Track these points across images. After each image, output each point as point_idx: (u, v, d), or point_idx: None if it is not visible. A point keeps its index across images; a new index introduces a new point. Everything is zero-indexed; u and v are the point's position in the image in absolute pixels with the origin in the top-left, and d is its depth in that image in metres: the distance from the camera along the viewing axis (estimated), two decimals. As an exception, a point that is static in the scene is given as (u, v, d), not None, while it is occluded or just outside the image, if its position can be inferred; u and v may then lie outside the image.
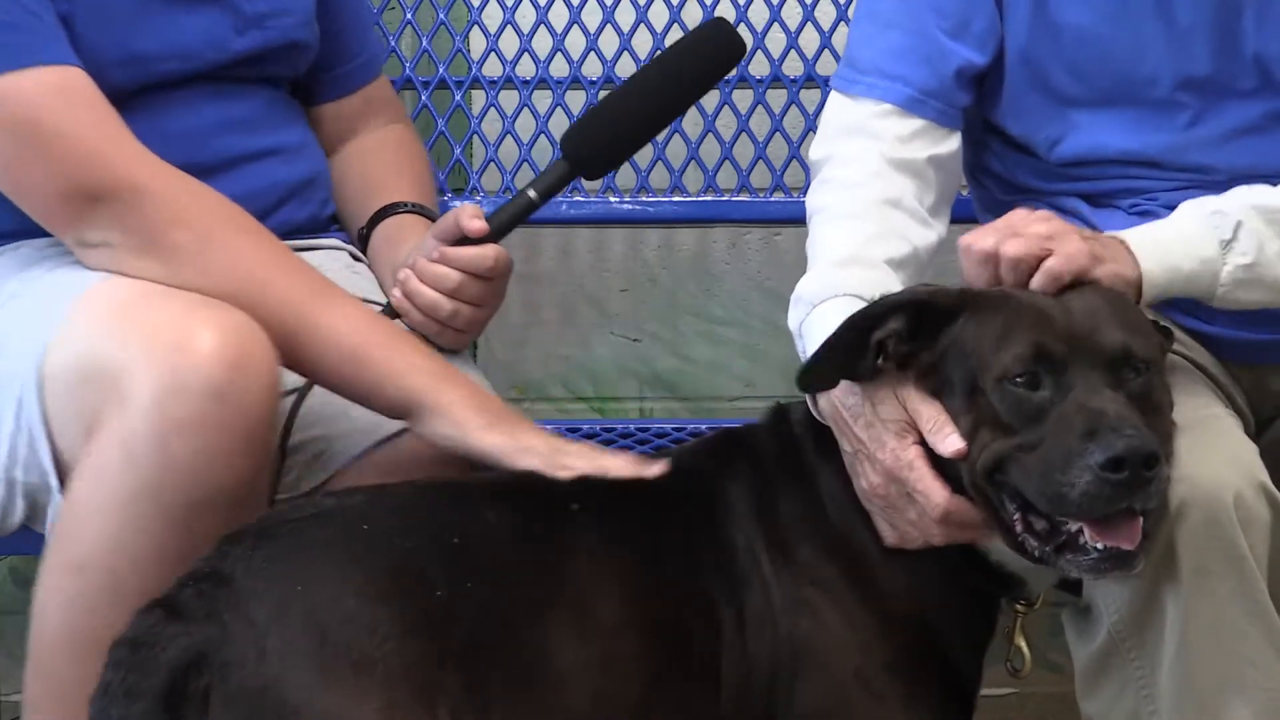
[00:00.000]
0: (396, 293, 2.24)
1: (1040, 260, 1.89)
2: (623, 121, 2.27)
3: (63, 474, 1.99)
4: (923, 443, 1.88)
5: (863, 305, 1.98)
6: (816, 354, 1.92)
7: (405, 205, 2.42)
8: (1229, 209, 1.98)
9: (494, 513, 1.86)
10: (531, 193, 2.25)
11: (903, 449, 1.88)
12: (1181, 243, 1.97)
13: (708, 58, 2.30)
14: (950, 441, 1.85)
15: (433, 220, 2.40)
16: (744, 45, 2.32)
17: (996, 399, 1.83)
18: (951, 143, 2.22)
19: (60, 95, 2.04)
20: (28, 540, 2.17)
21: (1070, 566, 1.83)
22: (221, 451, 1.89)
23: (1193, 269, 1.96)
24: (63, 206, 2.04)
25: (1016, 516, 1.85)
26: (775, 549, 1.92)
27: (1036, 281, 1.89)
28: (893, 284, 2.05)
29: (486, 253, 2.20)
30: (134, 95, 2.17)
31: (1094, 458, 1.75)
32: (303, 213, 2.38)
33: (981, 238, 1.92)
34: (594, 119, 2.28)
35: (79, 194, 2.02)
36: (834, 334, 1.89)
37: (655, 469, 1.95)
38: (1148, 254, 1.94)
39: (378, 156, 2.51)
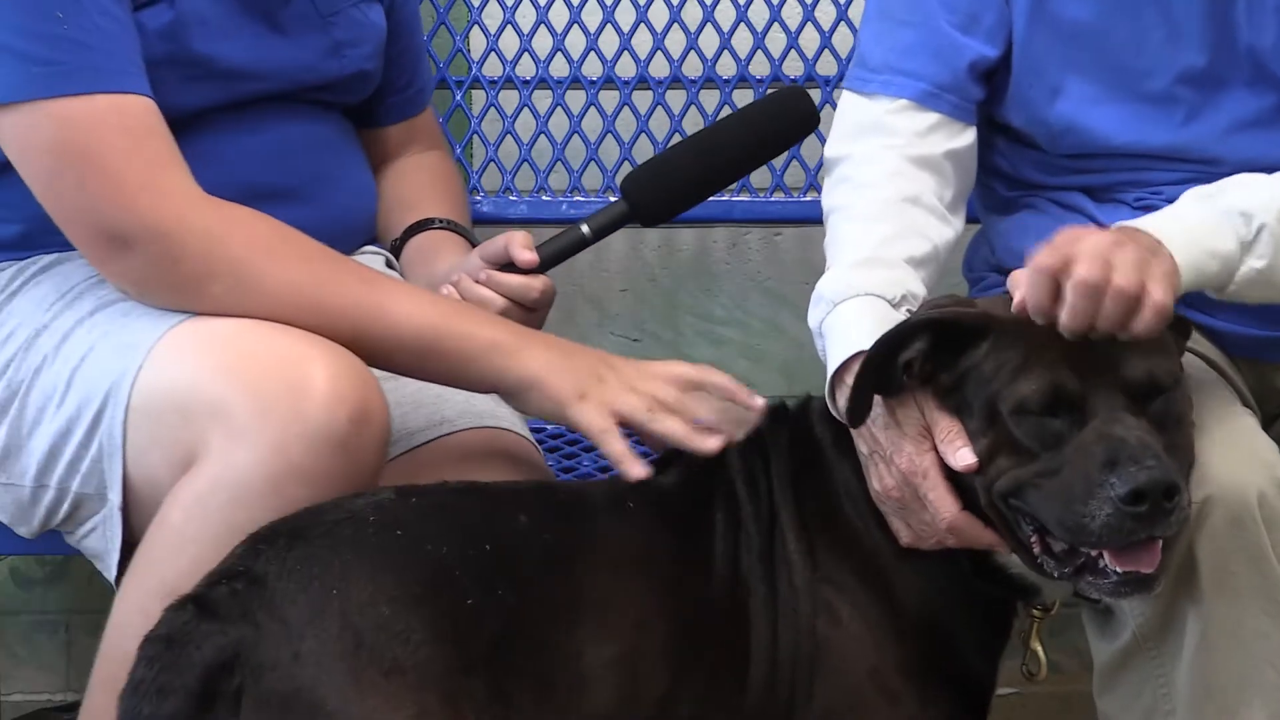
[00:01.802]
0: None
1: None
2: (687, 174, 2.28)
3: (125, 494, 2.00)
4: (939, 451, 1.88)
5: (884, 303, 1.99)
6: (854, 387, 1.89)
7: (439, 221, 2.42)
8: (1253, 210, 1.96)
9: (525, 515, 1.86)
10: (585, 228, 2.26)
11: (919, 454, 1.87)
12: (1206, 243, 1.94)
13: (781, 125, 2.32)
14: (962, 455, 1.85)
15: (467, 238, 2.41)
16: (818, 118, 2.34)
17: (1014, 425, 1.82)
18: (967, 137, 2.22)
19: (111, 126, 2.01)
20: (25, 541, 2.17)
21: (1090, 589, 1.83)
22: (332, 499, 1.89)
23: (1215, 270, 1.94)
24: (94, 244, 2.03)
25: (1034, 539, 1.84)
26: (802, 544, 1.92)
27: (1144, 325, 1.79)
28: (913, 283, 2.05)
29: (534, 283, 2.20)
30: (218, 112, 2.17)
31: (1114, 490, 1.74)
32: (364, 233, 2.41)
33: (1081, 264, 1.78)
34: (660, 167, 2.29)
35: (109, 236, 2.00)
36: (864, 362, 1.88)
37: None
38: (1181, 255, 1.90)
39: (414, 177, 2.51)
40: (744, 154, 2.31)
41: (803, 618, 1.89)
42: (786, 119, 2.32)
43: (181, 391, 1.94)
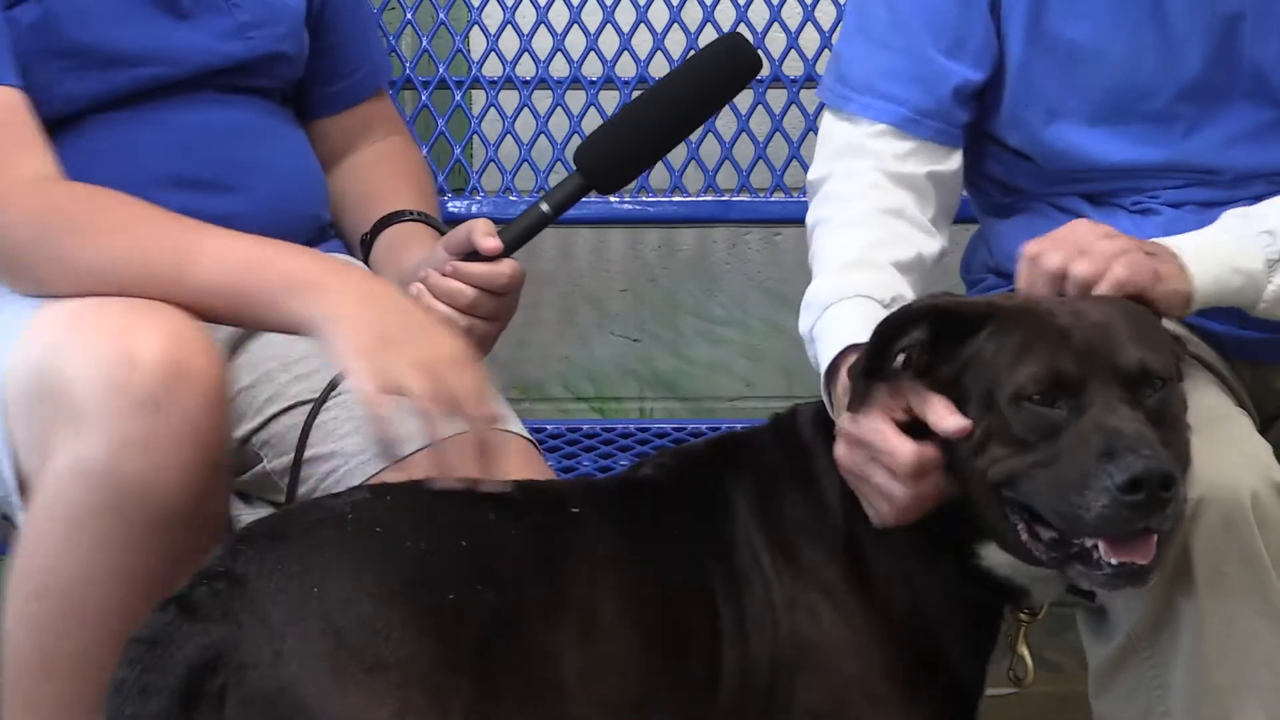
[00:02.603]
0: None
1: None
2: (636, 136, 2.25)
3: (27, 494, 1.97)
4: (900, 423, 1.85)
5: (875, 304, 1.98)
6: (855, 383, 1.87)
7: (409, 214, 2.40)
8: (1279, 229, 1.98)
9: (499, 514, 1.85)
10: (545, 206, 2.24)
11: (868, 418, 1.84)
12: (1229, 258, 1.95)
13: (723, 73, 2.28)
14: (953, 420, 1.81)
15: (437, 229, 2.39)
16: (760, 60, 2.31)
17: (1011, 414, 1.81)
18: (952, 161, 2.21)
19: None
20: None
21: (1082, 578, 1.81)
22: (170, 467, 1.87)
23: (1239, 285, 1.95)
24: None
25: (1021, 527, 1.83)
26: (777, 549, 1.91)
27: (1100, 290, 1.85)
28: (901, 286, 2.04)
29: (501, 269, 2.18)
30: (121, 103, 2.15)
31: (1111, 479, 1.73)
32: (303, 218, 2.36)
33: (1049, 254, 1.87)
34: (607, 134, 2.26)
35: None
36: (862, 353, 1.87)
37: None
38: (1200, 268, 1.92)
39: (377, 169, 2.48)
40: (689, 107, 2.27)
41: (781, 626, 1.88)
42: (726, 67, 2.28)
43: (36, 380, 1.93)
